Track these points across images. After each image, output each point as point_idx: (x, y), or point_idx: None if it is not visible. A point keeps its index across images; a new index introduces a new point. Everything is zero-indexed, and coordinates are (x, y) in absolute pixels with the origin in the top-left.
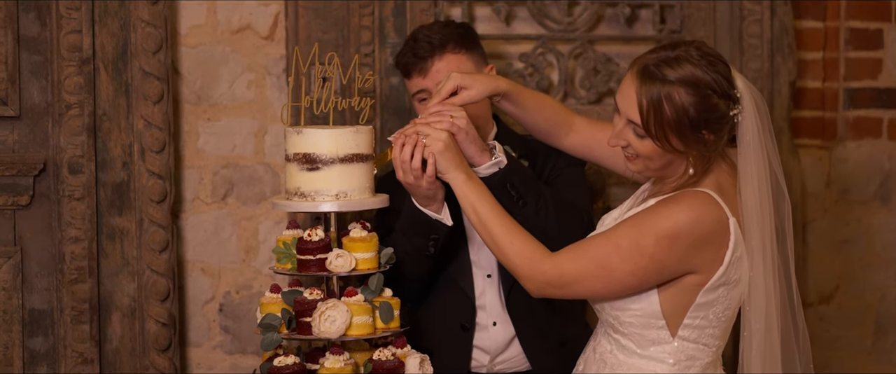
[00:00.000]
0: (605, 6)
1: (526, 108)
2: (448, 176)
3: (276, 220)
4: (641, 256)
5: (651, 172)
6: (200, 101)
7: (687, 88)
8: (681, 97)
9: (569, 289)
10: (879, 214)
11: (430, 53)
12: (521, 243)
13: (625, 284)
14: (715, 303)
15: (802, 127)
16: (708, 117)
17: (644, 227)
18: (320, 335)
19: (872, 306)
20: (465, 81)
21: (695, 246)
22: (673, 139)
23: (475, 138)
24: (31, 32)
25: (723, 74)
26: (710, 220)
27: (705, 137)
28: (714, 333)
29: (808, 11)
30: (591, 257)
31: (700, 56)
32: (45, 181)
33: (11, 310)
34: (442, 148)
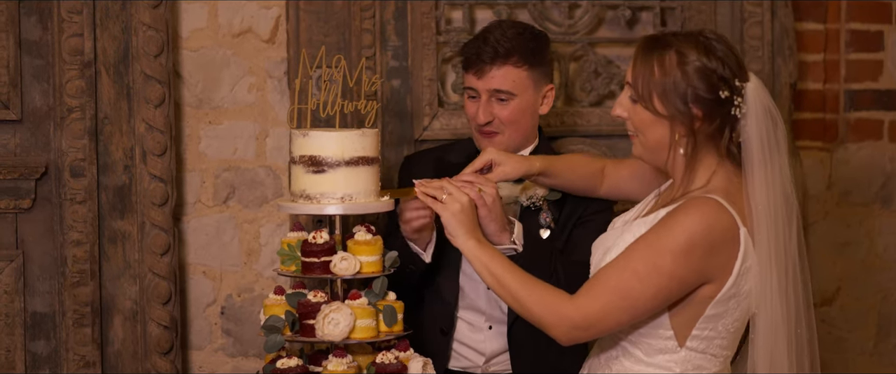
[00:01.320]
0: (606, 9)
1: (560, 176)
2: (458, 241)
3: (278, 223)
4: (660, 276)
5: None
6: (202, 104)
7: (682, 56)
8: (672, 61)
9: (595, 329)
10: (881, 216)
11: (493, 60)
12: (540, 293)
13: (648, 308)
14: (724, 315)
15: (803, 129)
16: (698, 92)
17: (658, 246)
18: (324, 337)
19: (874, 307)
20: (500, 158)
21: (709, 254)
22: (656, 101)
23: (498, 217)
24: (32, 36)
25: (730, 64)
26: (720, 227)
27: (693, 113)
28: (722, 343)
29: (809, 13)
30: (611, 289)
31: (716, 39)
32: (47, 185)
33: (13, 313)
34: (457, 210)
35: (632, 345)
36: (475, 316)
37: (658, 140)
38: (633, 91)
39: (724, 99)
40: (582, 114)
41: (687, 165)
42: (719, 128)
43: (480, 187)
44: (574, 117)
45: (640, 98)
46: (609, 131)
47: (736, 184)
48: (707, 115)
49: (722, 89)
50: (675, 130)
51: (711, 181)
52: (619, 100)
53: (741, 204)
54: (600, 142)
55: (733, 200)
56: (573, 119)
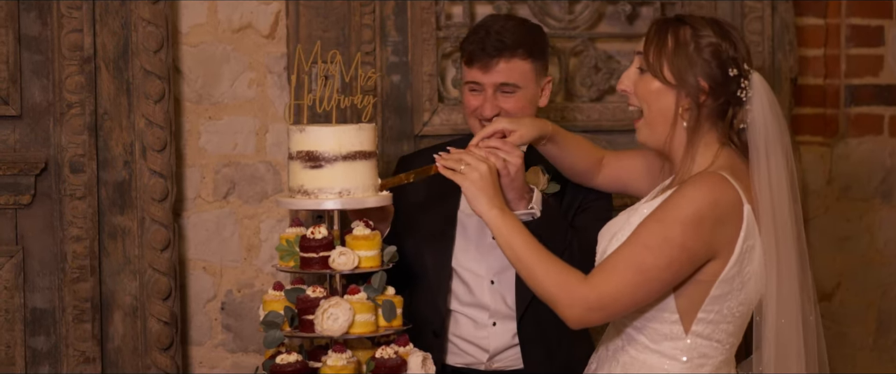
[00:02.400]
0: (606, 4)
1: (567, 149)
2: (479, 210)
3: (278, 218)
4: (672, 247)
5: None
6: (202, 99)
7: (697, 31)
8: (686, 34)
9: (610, 309)
10: (881, 210)
11: (499, 53)
12: (557, 272)
13: (662, 280)
14: (729, 296)
15: (804, 124)
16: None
17: (667, 219)
18: (323, 332)
19: (874, 303)
20: (511, 125)
21: (716, 226)
22: (666, 70)
23: (519, 186)
24: (32, 32)
25: (741, 49)
26: (726, 200)
27: (700, 86)
28: (728, 329)
29: (809, 8)
30: (624, 266)
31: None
32: (47, 180)
33: (13, 309)
34: (476, 179)
35: (637, 332)
36: (479, 313)
37: (662, 111)
38: (643, 61)
39: (732, 77)
40: (582, 109)
41: (688, 141)
42: (723, 107)
43: (506, 155)
44: (574, 112)
45: (650, 67)
46: (609, 126)
47: (740, 166)
48: (713, 90)
49: (731, 67)
50: (679, 101)
51: (715, 162)
52: (625, 73)
53: (746, 183)
54: (600, 137)
55: (738, 178)
56: (573, 114)
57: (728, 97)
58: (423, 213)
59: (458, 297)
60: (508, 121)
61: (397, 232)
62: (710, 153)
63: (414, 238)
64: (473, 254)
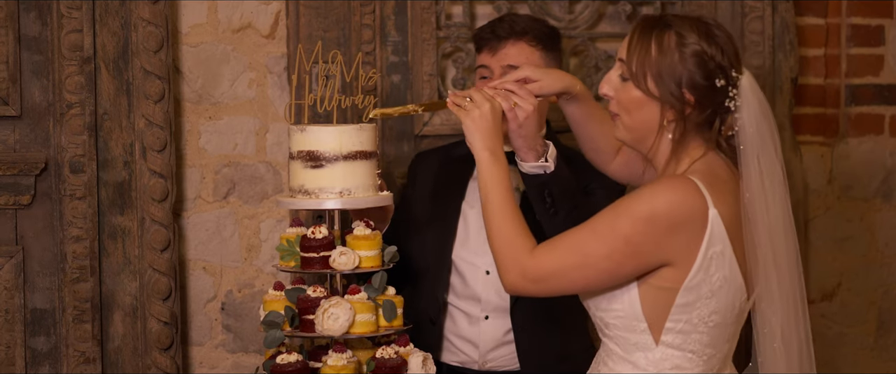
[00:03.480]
0: (607, 4)
1: (592, 116)
2: (474, 150)
3: (278, 218)
4: (616, 238)
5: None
6: (201, 100)
7: (682, 38)
8: (670, 42)
9: (545, 284)
10: (881, 210)
11: (507, 36)
12: (511, 232)
13: (601, 269)
14: (696, 305)
15: (804, 124)
16: (694, 77)
17: (621, 209)
18: (323, 332)
19: (875, 303)
20: (536, 74)
21: (671, 231)
22: (650, 81)
23: (528, 134)
24: (31, 32)
25: (729, 53)
26: (687, 206)
27: (686, 98)
28: (701, 339)
29: (810, 8)
30: (568, 244)
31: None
32: (47, 181)
33: (13, 309)
34: (476, 117)
35: (612, 342)
36: (471, 305)
37: (645, 122)
38: (625, 69)
39: (719, 88)
40: None
41: (673, 151)
42: (710, 118)
43: (518, 100)
44: None
45: (633, 76)
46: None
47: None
48: (699, 101)
49: (718, 77)
50: (664, 113)
51: (693, 166)
52: (607, 77)
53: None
54: None
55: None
56: None
57: (715, 108)
58: (430, 204)
59: (454, 289)
60: (534, 69)
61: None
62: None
63: (418, 228)
64: (473, 245)
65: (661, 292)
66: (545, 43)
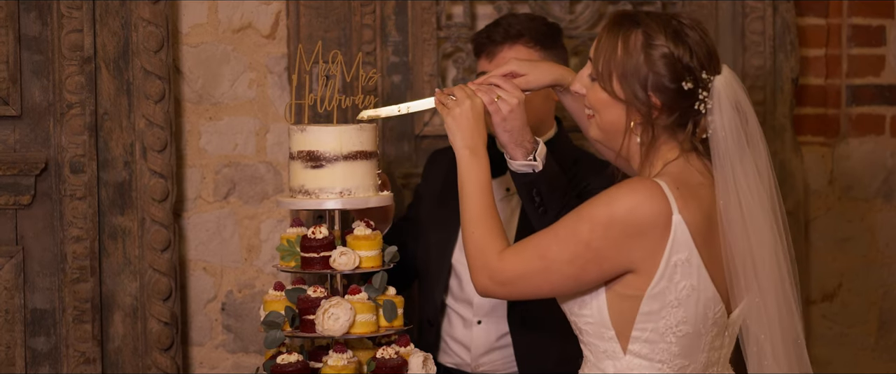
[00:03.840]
0: (607, 4)
1: None
2: (454, 147)
3: (279, 219)
4: (577, 243)
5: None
6: (202, 100)
7: (649, 38)
8: (637, 42)
9: (512, 287)
10: (882, 211)
11: (503, 40)
12: (484, 235)
13: (564, 274)
14: (662, 314)
15: (805, 124)
16: (660, 79)
17: (583, 213)
18: (324, 332)
19: (876, 303)
20: (523, 68)
21: (631, 235)
22: (615, 83)
23: (513, 129)
24: (32, 32)
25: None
26: (648, 210)
27: (652, 102)
28: (671, 349)
29: (811, 8)
30: (533, 249)
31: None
32: (47, 181)
33: (13, 310)
34: (457, 114)
35: (586, 348)
36: (465, 309)
37: (613, 123)
38: (592, 68)
39: (687, 91)
40: None
41: (644, 154)
42: (680, 121)
43: (502, 93)
44: None
45: (599, 77)
46: None
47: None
48: (666, 105)
49: (686, 80)
50: (630, 116)
51: (665, 168)
52: (579, 74)
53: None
54: None
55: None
56: None
57: (683, 111)
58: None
59: (452, 292)
60: (521, 63)
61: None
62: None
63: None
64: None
65: (627, 300)
66: (544, 42)
